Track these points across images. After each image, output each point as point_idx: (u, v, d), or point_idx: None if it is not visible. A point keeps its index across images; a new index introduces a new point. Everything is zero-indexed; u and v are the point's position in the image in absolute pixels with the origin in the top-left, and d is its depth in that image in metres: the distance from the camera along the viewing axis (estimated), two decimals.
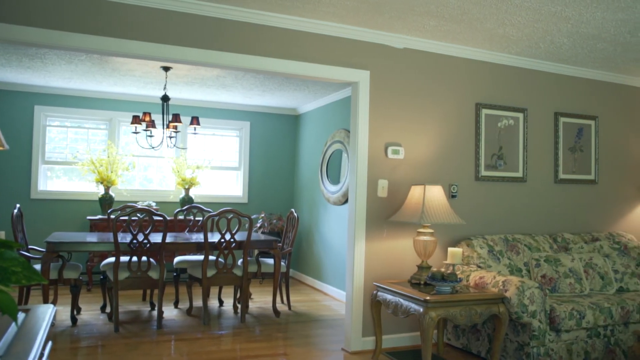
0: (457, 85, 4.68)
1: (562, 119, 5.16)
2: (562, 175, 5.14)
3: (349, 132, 6.27)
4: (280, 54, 4.03)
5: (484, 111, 4.77)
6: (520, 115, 4.94)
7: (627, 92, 5.59)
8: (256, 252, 6.57)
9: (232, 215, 4.98)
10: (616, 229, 5.45)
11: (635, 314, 3.98)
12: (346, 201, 6.21)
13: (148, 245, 4.71)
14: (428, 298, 3.47)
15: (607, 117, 5.46)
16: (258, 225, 7.30)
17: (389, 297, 3.87)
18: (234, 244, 4.99)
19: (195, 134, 6.24)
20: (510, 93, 4.92)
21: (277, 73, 4.11)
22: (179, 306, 5.65)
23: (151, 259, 4.86)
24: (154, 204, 6.91)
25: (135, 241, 4.65)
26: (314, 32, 4.12)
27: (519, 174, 4.92)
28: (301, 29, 4.08)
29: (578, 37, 4.28)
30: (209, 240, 4.98)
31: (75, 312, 4.90)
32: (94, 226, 6.51)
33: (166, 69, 5.58)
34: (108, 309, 5.35)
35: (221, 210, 4.97)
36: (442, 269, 4.11)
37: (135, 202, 6.96)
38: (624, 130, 5.58)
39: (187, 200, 7.06)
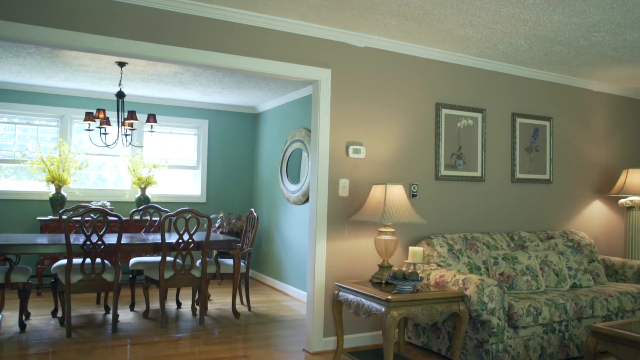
0: (418, 85, 4.70)
1: (519, 120, 5.27)
2: (518, 175, 5.25)
3: (309, 131, 6.23)
4: (241, 50, 3.95)
5: (444, 111, 4.82)
6: (479, 116, 5.01)
7: (580, 94, 5.75)
8: (215, 252, 6.47)
9: (190, 215, 4.86)
10: (569, 227, 5.61)
11: (588, 309, 4.10)
12: (306, 200, 6.17)
13: (102, 246, 4.55)
14: (390, 297, 3.46)
15: (561, 118, 5.61)
16: (217, 225, 7.19)
17: (350, 296, 3.85)
18: (192, 245, 4.88)
19: (151, 132, 6.07)
20: (470, 93, 4.99)
21: (237, 70, 4.03)
22: (135, 309, 5.48)
23: (106, 261, 4.70)
24: (108, 204, 6.70)
25: (88, 242, 4.48)
26: (275, 29, 4.06)
27: (478, 174, 4.99)
28: (262, 25, 4.01)
29: (535, 40, 4.37)
30: (167, 240, 4.86)
31: (23, 318, 4.68)
32: (45, 227, 6.25)
33: (121, 64, 5.40)
34: (59, 314, 5.14)
35: (179, 210, 4.85)
36: (404, 268, 4.12)
37: (89, 202, 6.73)
38: (577, 131, 5.74)
39: (143, 200, 6.87)
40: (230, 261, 5.43)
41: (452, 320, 3.91)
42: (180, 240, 4.81)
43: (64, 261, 4.88)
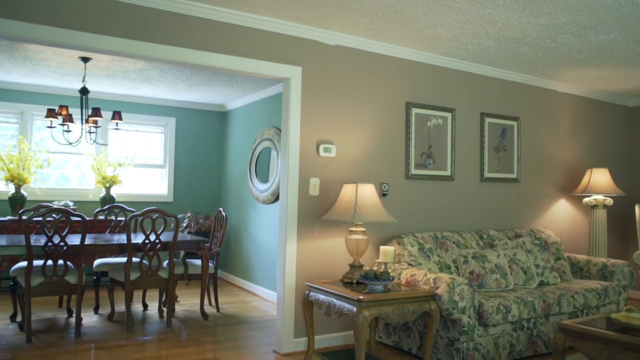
0: (388, 84, 4.70)
1: (488, 120, 5.32)
2: (487, 174, 5.31)
3: (278, 129, 6.17)
4: (209, 46, 3.86)
5: (414, 110, 4.83)
6: (449, 115, 5.04)
7: (546, 95, 5.86)
8: (182, 253, 6.35)
9: (157, 215, 4.75)
10: (536, 226, 5.70)
11: (555, 306, 4.16)
12: (276, 200, 6.11)
13: (65, 247, 4.39)
14: (361, 297, 3.44)
15: (529, 119, 5.69)
16: (184, 225, 7.06)
17: (321, 297, 3.81)
18: (159, 245, 4.76)
19: (117, 129, 5.92)
20: (440, 93, 5.01)
21: (205, 67, 3.94)
22: (99, 312, 5.33)
23: (68, 263, 4.55)
24: (71, 204, 6.49)
25: (50, 244, 4.32)
26: (245, 25, 3.99)
27: (448, 173, 5.02)
28: (231, 21, 3.93)
29: (504, 40, 4.41)
30: (133, 241, 4.73)
31: None
32: (3, 228, 6.02)
33: (85, 59, 5.24)
34: (19, 318, 4.95)
35: (145, 209, 4.73)
36: (375, 268, 4.10)
37: (51, 201, 6.51)
38: (543, 131, 5.84)
39: (108, 199, 6.69)
40: (198, 262, 5.33)
41: (422, 320, 3.91)
42: (147, 241, 4.69)
43: (23, 263, 4.71)
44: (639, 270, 5.44)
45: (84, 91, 5.41)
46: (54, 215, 4.69)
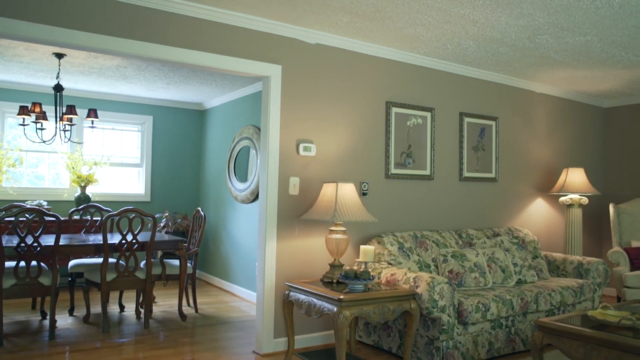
0: (369, 83, 4.69)
1: (467, 119, 5.36)
2: (466, 174, 5.34)
3: (257, 128, 6.12)
4: (188, 43, 3.81)
5: (394, 110, 4.83)
6: (428, 115, 5.06)
7: (524, 95, 5.92)
8: (160, 253, 6.26)
9: (134, 215, 4.67)
10: (514, 224, 5.76)
11: (533, 304, 4.20)
12: (255, 199, 6.06)
13: (39, 248, 4.29)
14: (342, 297, 3.42)
15: (507, 119, 5.75)
16: (162, 225, 6.97)
17: (301, 297, 3.79)
18: (136, 246, 4.68)
19: (92, 127, 5.80)
20: (419, 93, 5.02)
21: (183, 64, 3.88)
22: (74, 314, 5.22)
23: (42, 264, 4.44)
24: (45, 203, 6.35)
25: (23, 244, 4.21)
26: (224, 22, 3.94)
27: (427, 172, 5.04)
28: (211, 18, 3.88)
29: (483, 41, 4.44)
30: (109, 241, 4.65)
31: None
32: None
33: (59, 56, 5.12)
34: None
35: (122, 209, 4.65)
36: (355, 267, 4.09)
37: (24, 201, 6.36)
38: (521, 131, 5.90)
39: (83, 199, 6.56)
40: (176, 262, 5.26)
41: (402, 319, 3.92)
42: (124, 241, 4.61)
43: None
44: (613, 268, 5.53)
45: (58, 88, 5.29)
46: (27, 215, 4.58)
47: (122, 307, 5.44)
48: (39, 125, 5.46)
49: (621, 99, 6.71)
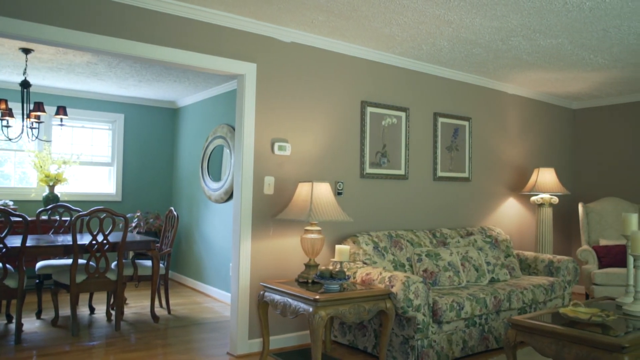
0: (344, 83, 4.68)
1: (441, 119, 5.40)
2: (440, 173, 5.38)
3: (231, 127, 6.06)
4: (161, 40, 3.74)
5: (369, 109, 4.84)
6: (403, 115, 5.08)
7: (496, 96, 6.00)
8: (132, 254, 6.15)
9: (105, 215, 4.57)
10: (487, 224, 5.84)
11: (506, 302, 4.26)
12: (228, 198, 6.00)
13: (4, 250, 4.16)
14: (317, 297, 3.40)
15: (480, 119, 5.81)
16: (133, 225, 6.84)
17: (276, 297, 3.76)
18: (107, 246, 4.58)
19: (61, 125, 5.66)
20: (394, 92, 5.04)
21: (156, 61, 3.81)
22: (42, 317, 5.08)
23: (8, 266, 4.31)
24: (11, 203, 6.17)
25: None
26: (198, 19, 3.88)
27: (402, 172, 5.06)
28: (184, 15, 3.81)
29: (457, 41, 4.48)
30: (79, 242, 4.53)
31: None
32: None
33: (26, 51, 4.98)
34: None
35: (92, 209, 4.54)
36: (330, 267, 4.09)
37: None
38: (493, 131, 5.98)
39: (51, 198, 6.38)
40: (148, 262, 5.17)
41: (378, 318, 3.92)
42: (94, 242, 4.51)
43: None
44: (582, 266, 5.65)
45: (25, 84, 5.14)
46: None
47: (92, 309, 5.32)
48: (4, 123, 5.30)
49: (589, 100, 6.86)
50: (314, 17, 3.98)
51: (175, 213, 5.41)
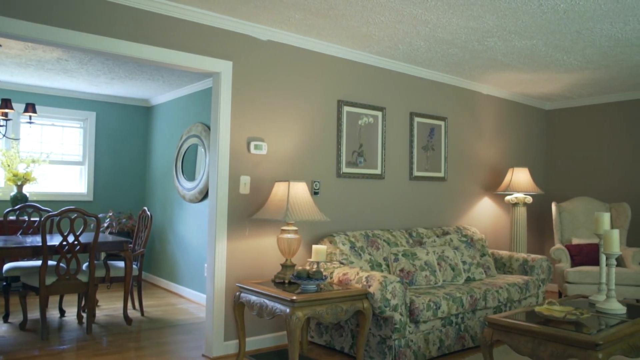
0: (321, 82, 4.66)
1: (417, 119, 5.41)
2: (416, 173, 5.40)
3: (206, 126, 5.98)
4: (134, 36, 3.65)
5: (346, 108, 4.82)
6: (379, 114, 5.07)
7: (472, 96, 6.05)
8: (104, 255, 6.02)
9: (76, 215, 4.45)
10: (462, 223, 5.88)
11: (482, 301, 4.29)
12: (203, 198, 5.92)
13: None
14: (294, 298, 3.37)
15: (455, 119, 5.85)
16: (105, 225, 6.70)
17: (253, 298, 3.71)
18: (78, 247, 4.47)
19: (30, 123, 5.51)
20: (371, 92, 5.03)
21: (129, 58, 3.72)
22: (9, 320, 4.92)
23: None
24: None
25: None
26: (173, 15, 3.80)
27: (378, 171, 5.05)
28: (159, 11, 3.73)
29: (434, 41, 4.49)
30: (48, 243, 4.40)
31: None
32: None
33: None
34: None
35: (63, 209, 4.42)
36: (307, 267, 4.05)
37: None
38: (469, 131, 6.02)
39: (20, 198, 6.21)
40: (121, 263, 5.06)
41: (355, 318, 3.90)
42: (65, 243, 4.38)
43: None
44: (555, 265, 5.73)
45: None
46: None
47: (62, 312, 5.18)
48: None
49: (562, 101, 6.97)
50: (290, 15, 3.94)
51: (148, 213, 5.31)
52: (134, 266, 5.15)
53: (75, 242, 4.44)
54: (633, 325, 3.24)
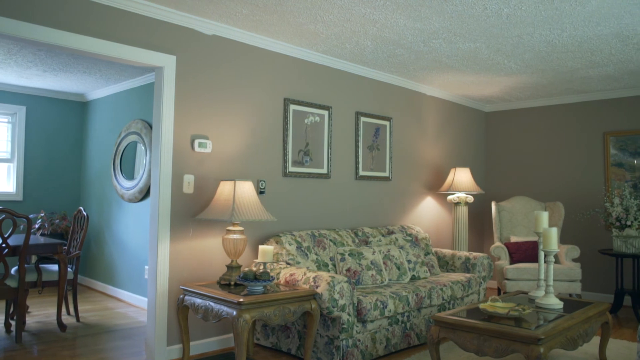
0: (267, 79, 4.58)
1: (362, 119, 5.43)
2: (361, 172, 5.41)
3: (146, 122, 5.76)
4: (69, 26, 3.44)
5: (292, 107, 4.76)
6: (326, 113, 5.05)
7: (415, 97, 6.13)
8: (35, 258, 5.68)
9: (3, 216, 4.17)
10: (407, 222, 5.95)
11: (427, 299, 4.34)
12: (143, 198, 5.70)
13: None
14: (241, 300, 3.28)
15: (400, 119, 5.91)
16: (37, 226, 6.34)
17: (197, 301, 3.59)
18: (6, 250, 4.18)
19: None
20: (317, 90, 5.00)
21: (63, 48, 3.49)
22: None
23: None
24: None
25: None
26: (113, 6, 3.62)
27: (324, 171, 5.03)
28: (100, 1, 3.54)
29: (381, 41, 4.50)
30: None
31: None
32: None
33: None
34: None
35: None
36: (254, 268, 3.97)
37: None
38: (412, 131, 6.11)
39: None
40: (54, 267, 4.78)
41: (302, 319, 3.85)
42: None
43: None
44: (495, 262, 5.91)
45: None
46: None
47: None
48: None
49: (500, 104, 7.20)
50: (237, 10, 3.84)
51: (84, 213, 5.06)
52: (69, 269, 4.89)
53: (4, 245, 4.16)
54: (570, 319, 3.36)
